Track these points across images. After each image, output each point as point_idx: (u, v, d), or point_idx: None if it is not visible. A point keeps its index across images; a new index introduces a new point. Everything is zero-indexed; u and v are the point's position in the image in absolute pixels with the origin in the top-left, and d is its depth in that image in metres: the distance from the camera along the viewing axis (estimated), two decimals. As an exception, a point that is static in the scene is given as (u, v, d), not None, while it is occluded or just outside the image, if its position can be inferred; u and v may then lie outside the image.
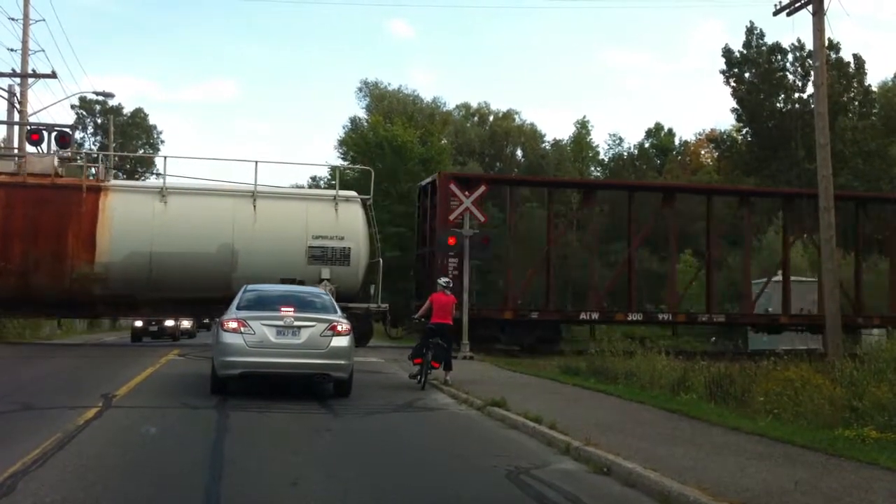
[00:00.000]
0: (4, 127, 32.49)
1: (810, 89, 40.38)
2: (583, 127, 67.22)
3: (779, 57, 44.76)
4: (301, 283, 22.75)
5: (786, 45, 44.71)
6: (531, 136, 67.04)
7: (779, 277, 31.96)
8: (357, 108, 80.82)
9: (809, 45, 31.91)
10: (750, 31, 45.06)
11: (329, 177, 53.63)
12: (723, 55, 45.38)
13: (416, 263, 30.52)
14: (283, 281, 21.98)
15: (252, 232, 24.35)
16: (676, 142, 65.86)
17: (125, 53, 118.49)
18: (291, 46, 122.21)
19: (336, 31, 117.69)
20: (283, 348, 12.72)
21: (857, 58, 44.83)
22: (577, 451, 8.82)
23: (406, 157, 48.04)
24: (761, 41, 44.98)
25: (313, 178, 59.12)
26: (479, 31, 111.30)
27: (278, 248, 24.26)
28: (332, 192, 26.57)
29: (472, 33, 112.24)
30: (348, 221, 25.18)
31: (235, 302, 13.83)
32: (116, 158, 47.16)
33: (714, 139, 55.13)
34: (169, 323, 34.42)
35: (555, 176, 53.25)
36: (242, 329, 12.68)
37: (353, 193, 26.75)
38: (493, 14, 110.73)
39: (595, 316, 29.27)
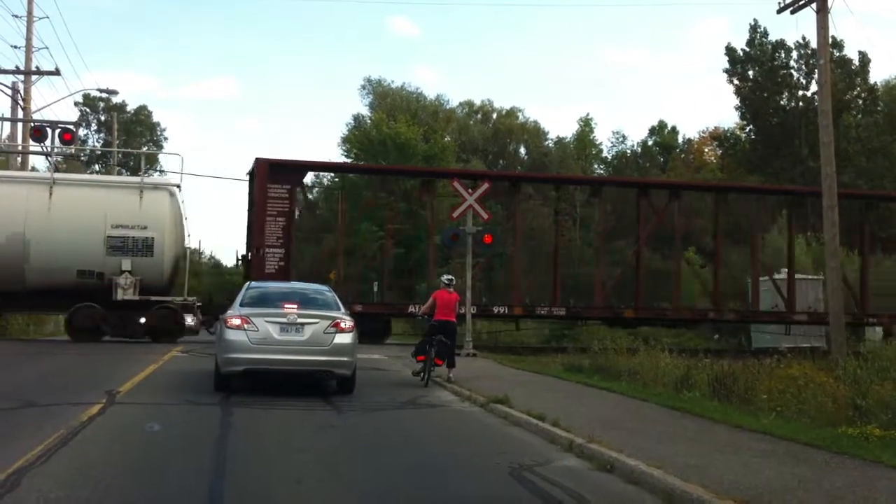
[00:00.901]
0: (8, 124, 32.52)
1: (814, 87, 40.36)
2: (586, 124, 67.19)
3: (782, 54, 44.69)
4: (101, 275, 22.92)
5: (790, 42, 44.67)
6: (534, 133, 66.98)
7: (780, 275, 31.97)
8: (360, 106, 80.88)
9: (813, 43, 31.78)
10: (754, 28, 44.98)
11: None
12: (726, 53, 45.34)
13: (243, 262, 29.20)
14: (81, 273, 21.90)
15: (47, 221, 23.49)
16: (680, 139, 65.82)
17: (128, 50, 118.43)
18: (294, 44, 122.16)
19: (339, 29, 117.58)
20: (287, 345, 12.73)
21: (861, 55, 44.76)
22: (580, 448, 8.82)
23: (409, 154, 48.05)
24: (765, 39, 44.92)
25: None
26: (482, 28, 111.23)
27: (75, 238, 23.42)
28: (138, 178, 25.68)
29: (475, 31, 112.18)
30: (153, 210, 24.27)
31: (239, 299, 13.87)
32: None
33: (717, 137, 55.05)
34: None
35: (558, 173, 53.22)
36: (246, 326, 12.70)
37: (163, 180, 25.99)
38: (496, 11, 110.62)
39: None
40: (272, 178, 26.34)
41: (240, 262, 30.71)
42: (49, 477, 7.00)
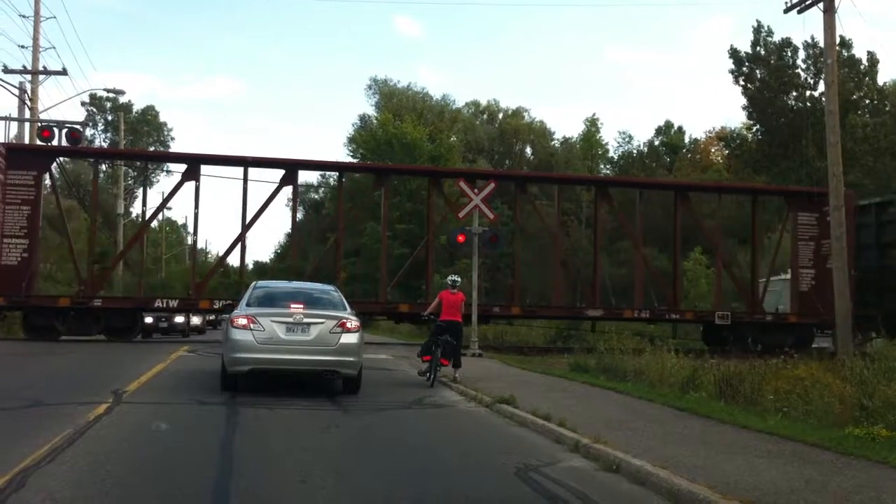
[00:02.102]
0: (15, 123, 32.61)
1: (822, 87, 40.19)
2: (592, 125, 67.10)
3: (789, 54, 44.54)
4: None
5: (796, 41, 44.51)
6: (541, 133, 67.02)
7: (783, 276, 31.89)
8: (367, 106, 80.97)
9: (821, 43, 31.67)
10: (757, 29, 44.83)
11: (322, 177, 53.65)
12: (730, 55, 45.19)
13: None
14: None
15: None
16: (686, 140, 65.72)
17: (135, 51, 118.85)
18: (301, 44, 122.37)
19: (345, 29, 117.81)
20: (293, 345, 12.75)
21: (869, 55, 44.61)
22: (585, 448, 8.82)
23: (415, 154, 48.11)
24: (769, 39, 44.77)
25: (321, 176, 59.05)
26: (488, 28, 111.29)
27: None
28: None
29: (481, 31, 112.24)
30: None
31: (245, 299, 13.89)
32: None
33: (724, 137, 54.95)
34: (179, 319, 34.56)
35: (564, 172, 53.19)
36: (252, 326, 12.72)
37: None
38: (502, 11, 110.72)
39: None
40: (13, 164, 24.76)
41: None
42: (55, 477, 7.02)
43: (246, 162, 26.91)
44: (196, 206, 27.04)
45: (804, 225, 29.12)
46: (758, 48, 44.74)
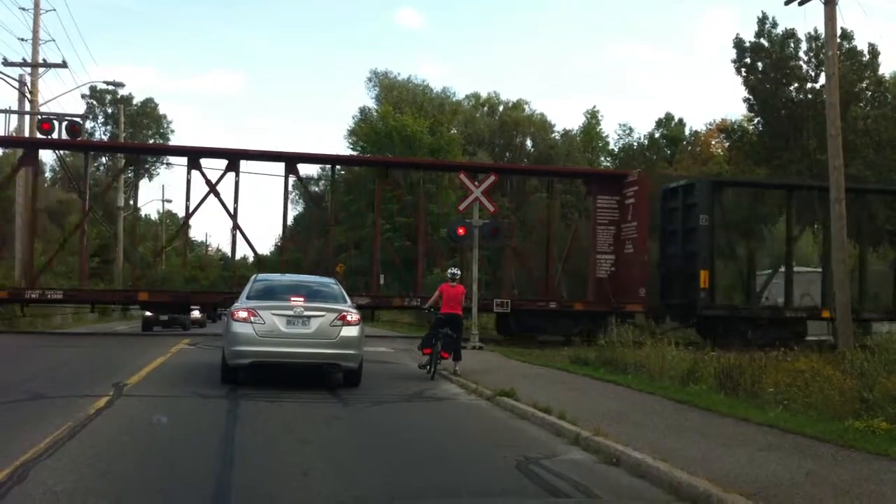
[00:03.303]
0: (15, 116, 32.58)
1: (823, 79, 40.11)
2: (593, 117, 67.03)
3: (792, 46, 44.37)
4: None
5: (799, 34, 44.33)
6: (541, 126, 66.86)
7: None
8: (367, 99, 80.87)
9: (822, 35, 31.59)
10: (762, 20, 44.69)
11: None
12: (734, 45, 45.05)
13: None
14: None
15: None
16: (687, 132, 65.61)
17: (135, 43, 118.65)
18: (300, 37, 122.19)
19: (346, 21, 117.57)
20: (293, 338, 12.76)
21: (871, 47, 44.48)
22: (586, 441, 8.83)
23: (416, 147, 48.05)
24: (773, 30, 44.62)
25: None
26: (489, 20, 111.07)
27: None
28: None
29: (482, 23, 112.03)
30: None
31: (245, 292, 13.90)
32: None
33: (725, 129, 54.82)
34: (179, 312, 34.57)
35: (564, 165, 53.16)
36: (252, 318, 12.73)
37: None
38: (503, 4, 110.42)
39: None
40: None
41: None
42: (56, 469, 7.03)
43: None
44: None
45: (604, 208, 28.06)
46: (761, 39, 44.60)
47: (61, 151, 29.43)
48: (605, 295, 27.30)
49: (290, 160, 27.77)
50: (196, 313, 36.72)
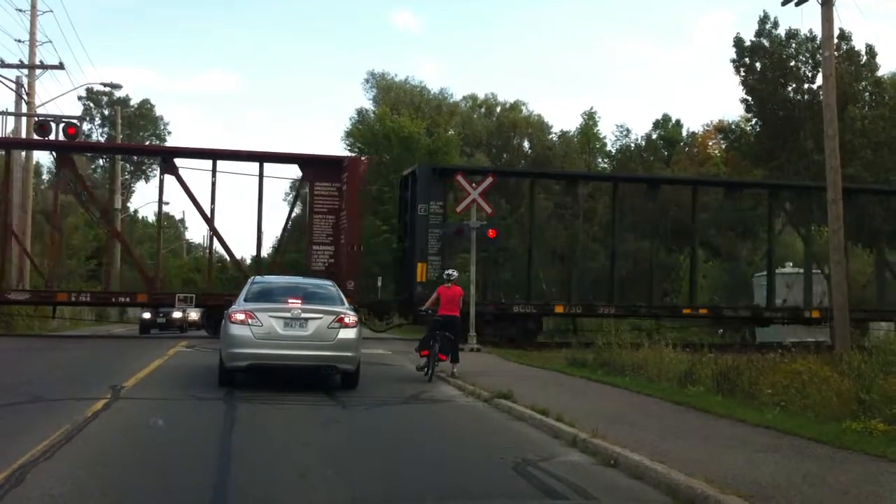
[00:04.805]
0: (12, 118, 32.54)
1: (820, 80, 40.10)
2: (590, 118, 66.89)
3: (793, 46, 44.34)
4: None
5: (800, 33, 44.28)
6: (538, 127, 66.80)
7: (785, 270, 32.00)
8: (364, 100, 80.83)
9: (819, 36, 31.60)
10: (763, 20, 44.67)
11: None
12: (734, 44, 45.02)
13: None
14: None
15: None
16: (684, 133, 65.61)
17: (131, 45, 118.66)
18: (298, 37, 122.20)
19: (343, 22, 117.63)
20: (291, 340, 12.75)
21: (869, 48, 44.48)
22: (583, 443, 8.82)
23: (413, 148, 47.98)
24: (774, 31, 44.58)
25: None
26: (486, 21, 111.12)
27: None
28: None
29: (479, 24, 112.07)
30: None
31: (242, 294, 13.88)
32: None
33: (722, 130, 54.80)
34: (177, 315, 34.55)
35: (562, 168, 53.14)
36: (250, 321, 12.71)
37: None
38: (500, 4, 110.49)
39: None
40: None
41: None
42: (53, 473, 7.01)
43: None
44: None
45: (322, 196, 26.50)
46: (762, 38, 44.59)
47: (55, 153, 29.30)
48: None
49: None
50: (194, 315, 36.69)
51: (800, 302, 30.27)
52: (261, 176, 26.92)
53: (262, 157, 26.98)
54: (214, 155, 26.80)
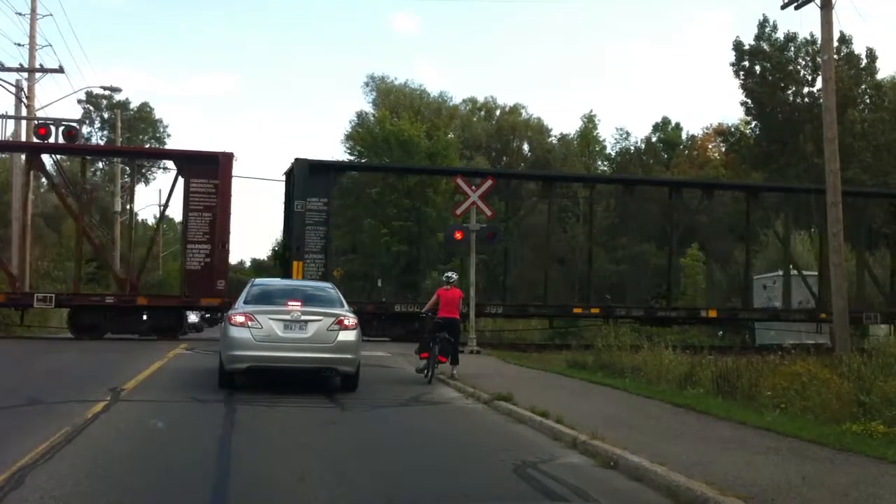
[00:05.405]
0: (12, 121, 32.52)
1: (820, 83, 40.12)
2: (589, 121, 67.00)
3: (792, 50, 44.39)
4: None
5: (798, 37, 44.36)
6: (538, 130, 66.90)
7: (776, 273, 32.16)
8: (364, 103, 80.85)
9: (819, 39, 31.63)
10: (763, 23, 44.73)
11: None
12: (733, 48, 45.08)
13: None
14: None
15: None
16: (684, 136, 65.69)
17: (131, 48, 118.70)
18: (298, 41, 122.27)
19: (343, 25, 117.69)
20: (291, 342, 12.74)
21: (868, 51, 44.56)
22: (583, 445, 8.82)
23: (413, 151, 48.01)
24: (774, 34, 44.64)
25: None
26: (485, 25, 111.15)
27: None
28: None
29: (478, 27, 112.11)
30: None
31: (242, 296, 13.87)
32: None
33: (722, 133, 54.87)
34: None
35: (560, 170, 53.15)
36: (250, 323, 12.71)
37: None
38: (499, 7, 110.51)
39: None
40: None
41: None
42: (53, 475, 7.01)
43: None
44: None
45: (198, 193, 25.83)
46: (761, 42, 44.64)
47: (57, 156, 29.30)
48: (198, 289, 25.46)
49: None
50: (193, 318, 36.67)
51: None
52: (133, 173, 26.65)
53: (135, 154, 26.61)
54: (86, 151, 26.25)
